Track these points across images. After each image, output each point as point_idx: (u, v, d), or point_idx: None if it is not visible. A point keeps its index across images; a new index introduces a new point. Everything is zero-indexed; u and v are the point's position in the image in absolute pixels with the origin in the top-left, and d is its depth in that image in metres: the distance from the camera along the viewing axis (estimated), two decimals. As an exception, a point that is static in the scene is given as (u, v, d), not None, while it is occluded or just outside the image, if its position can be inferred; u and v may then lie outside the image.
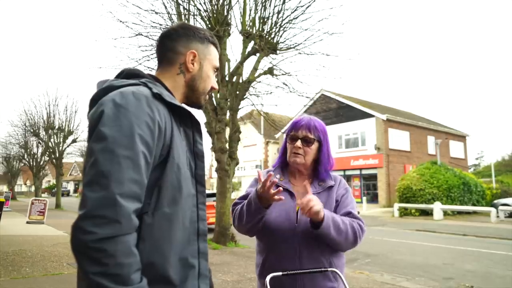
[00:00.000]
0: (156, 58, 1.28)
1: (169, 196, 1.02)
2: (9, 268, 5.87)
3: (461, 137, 32.06)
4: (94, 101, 1.06)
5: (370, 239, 10.79)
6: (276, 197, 1.46)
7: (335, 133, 27.00)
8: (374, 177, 24.88)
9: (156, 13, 8.61)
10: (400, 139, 25.49)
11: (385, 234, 11.82)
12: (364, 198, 23.38)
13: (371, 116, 25.06)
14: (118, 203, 0.87)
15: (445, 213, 17.70)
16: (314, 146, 1.72)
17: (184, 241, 1.06)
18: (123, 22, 8.50)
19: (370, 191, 25.41)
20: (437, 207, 17.04)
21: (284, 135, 1.82)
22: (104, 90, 1.06)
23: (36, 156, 31.09)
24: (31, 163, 31.63)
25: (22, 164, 38.44)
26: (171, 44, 1.21)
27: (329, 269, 1.58)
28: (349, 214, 1.67)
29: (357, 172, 25.91)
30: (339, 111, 26.46)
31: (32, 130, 26.31)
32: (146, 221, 0.98)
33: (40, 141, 27.11)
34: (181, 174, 1.06)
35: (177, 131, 1.10)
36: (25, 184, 69.57)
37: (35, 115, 25.86)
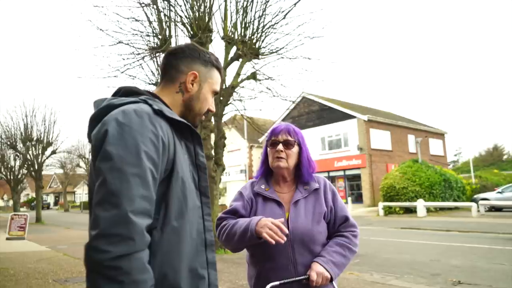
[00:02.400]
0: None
1: (176, 210, 1.05)
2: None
3: (440, 135, 32.91)
4: (94, 121, 1.07)
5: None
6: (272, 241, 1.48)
7: (318, 135, 27.30)
8: (358, 177, 25.23)
9: (137, 20, 8.53)
10: (381, 139, 25.97)
11: (371, 234, 11.98)
12: (349, 199, 23.68)
13: (352, 117, 25.45)
14: (131, 220, 0.89)
15: (428, 210, 18.10)
16: (295, 149, 1.76)
17: (192, 253, 1.09)
18: (103, 30, 8.38)
19: (354, 191, 25.74)
20: (420, 205, 17.40)
21: (264, 144, 1.83)
22: (104, 109, 1.07)
23: (13, 169, 30.11)
24: (9, 177, 30.62)
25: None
26: (175, 62, 1.25)
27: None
28: (346, 220, 1.74)
29: (341, 173, 26.23)
30: (321, 113, 26.80)
31: (8, 143, 25.54)
32: (156, 236, 1.00)
33: (18, 154, 26.31)
34: (185, 187, 1.08)
35: (179, 145, 1.12)
36: (2, 198, 67.28)
37: (11, 127, 25.15)
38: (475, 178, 25.53)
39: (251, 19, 9.08)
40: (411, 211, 18.31)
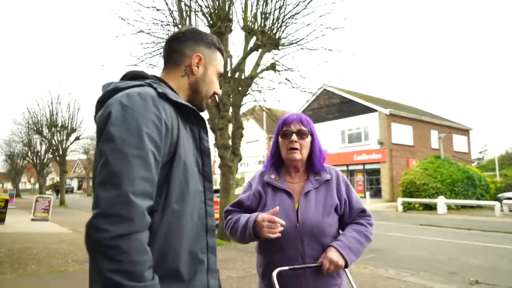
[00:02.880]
0: (161, 56, 1.30)
1: (177, 193, 1.04)
2: (15, 266, 5.91)
3: (465, 131, 31.91)
4: (101, 103, 1.08)
5: (374, 234, 10.73)
6: (273, 235, 1.49)
7: (338, 128, 26.94)
8: (377, 171, 24.83)
9: (158, 10, 8.57)
10: (403, 134, 25.40)
11: (389, 229, 11.81)
12: (368, 193, 23.37)
13: (374, 110, 24.96)
14: (131, 201, 0.89)
15: (449, 207, 17.66)
16: (309, 139, 1.72)
17: (193, 237, 1.08)
18: (124, 20, 8.47)
19: (373, 185, 25.37)
20: (441, 202, 16.99)
21: (274, 135, 1.80)
22: (110, 92, 1.08)
23: (39, 153, 31.23)
24: (35, 161, 31.78)
25: (26, 162, 38.66)
26: (179, 46, 1.24)
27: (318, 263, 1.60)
28: (363, 211, 1.73)
29: (360, 167, 25.87)
30: (342, 106, 26.39)
31: (35, 128, 26.45)
32: (156, 219, 1.00)
33: (44, 139, 27.25)
34: (188, 171, 1.08)
35: (183, 129, 1.11)
36: (29, 181, 69.92)
37: (38, 113, 26.02)
38: (500, 176, 24.63)
39: (271, 9, 8.96)
40: (431, 208, 17.92)
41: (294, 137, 1.68)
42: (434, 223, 13.47)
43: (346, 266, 1.59)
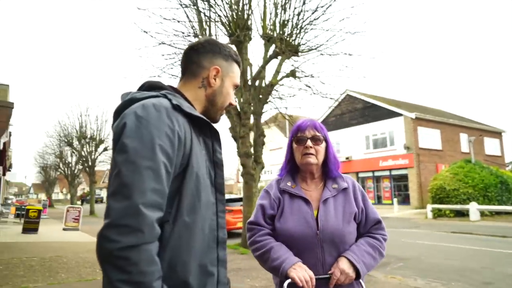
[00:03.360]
0: (180, 67, 1.32)
1: (189, 205, 1.05)
2: (46, 274, 6.11)
3: (497, 134, 30.59)
4: (118, 113, 1.10)
5: (402, 242, 10.45)
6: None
7: (362, 133, 26.47)
8: (404, 177, 24.15)
9: (178, 21, 8.77)
10: (430, 138, 24.64)
11: (418, 237, 11.42)
12: (395, 200, 22.73)
13: (399, 115, 24.39)
14: (141, 212, 0.90)
15: (482, 213, 16.89)
16: (323, 145, 1.70)
17: (203, 249, 1.08)
18: (146, 32, 8.71)
19: (401, 192, 24.67)
20: (473, 208, 16.29)
21: (288, 141, 1.78)
22: (127, 102, 1.10)
23: (70, 165, 32.41)
24: (66, 172, 32.98)
25: (58, 173, 40.17)
26: (197, 57, 1.26)
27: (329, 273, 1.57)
28: (379, 222, 1.69)
29: (387, 173, 25.25)
30: (365, 111, 25.96)
31: (66, 140, 27.52)
32: (167, 230, 1.01)
33: (74, 151, 28.28)
34: (200, 183, 1.08)
35: (196, 140, 1.12)
36: (62, 192, 72.52)
37: (68, 125, 27.12)
38: (538, 180, 23.38)
39: (289, 16, 8.98)
40: (463, 214, 17.20)
41: (309, 142, 1.67)
42: (466, 230, 12.91)
43: (357, 278, 1.55)
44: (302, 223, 1.58)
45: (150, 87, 1.19)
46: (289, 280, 1.48)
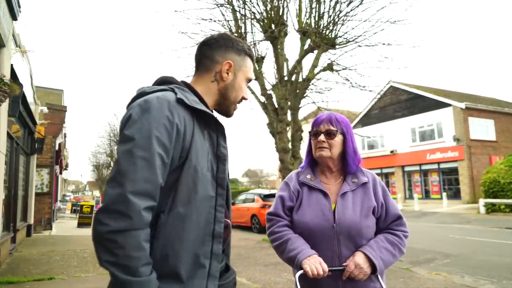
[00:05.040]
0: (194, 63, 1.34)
1: (184, 197, 1.08)
2: (97, 265, 6.54)
3: (561, 122, 28.01)
4: (128, 106, 1.16)
5: (450, 238, 9.97)
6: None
7: (408, 126, 25.40)
8: (454, 171, 22.86)
9: (214, 21, 8.95)
10: (483, 129, 23.08)
11: (467, 233, 10.82)
12: (444, 194, 21.60)
13: (447, 105, 23.09)
14: (129, 199, 0.95)
15: (543, 208, 15.61)
16: (338, 138, 1.69)
17: (197, 241, 1.10)
18: (184, 33, 8.99)
19: (451, 186, 23.39)
20: (532, 202, 15.10)
21: (308, 135, 1.78)
22: (137, 96, 1.16)
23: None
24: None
25: (109, 171, 42.54)
26: (210, 52, 1.27)
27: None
28: (399, 218, 1.67)
29: (435, 166, 24.04)
30: (411, 102, 24.86)
31: (115, 140, 29.07)
32: (162, 220, 1.05)
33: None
34: (198, 176, 1.10)
35: (199, 134, 1.14)
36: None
37: (117, 125, 28.60)
38: None
39: (325, 8, 8.84)
40: (520, 209, 16.00)
41: (322, 137, 1.67)
42: (523, 226, 12.02)
43: (373, 273, 1.54)
44: (319, 215, 1.59)
45: (162, 81, 1.23)
46: (301, 271, 1.50)
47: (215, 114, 1.34)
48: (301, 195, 1.69)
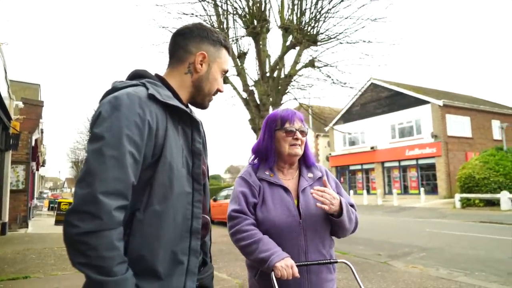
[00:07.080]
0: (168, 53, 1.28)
1: (160, 194, 1.06)
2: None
3: (532, 119, 29.11)
4: (100, 102, 1.12)
5: (427, 232, 10.24)
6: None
7: (388, 122, 25.89)
8: (432, 167, 23.47)
9: (196, 16, 8.85)
10: (459, 125, 23.76)
11: (443, 227, 11.14)
12: (422, 189, 22.18)
13: (426, 102, 23.64)
14: (99, 200, 0.92)
15: (515, 203, 16.21)
16: (306, 137, 1.74)
17: (175, 238, 1.08)
18: (165, 28, 8.86)
19: (429, 181, 24.01)
20: (505, 197, 15.66)
21: (265, 130, 1.74)
22: (109, 91, 1.11)
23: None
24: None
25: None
26: (183, 42, 1.23)
27: (338, 260, 1.61)
28: (352, 206, 1.71)
29: (413, 162, 24.62)
30: (391, 99, 25.29)
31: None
32: (138, 217, 1.03)
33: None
34: (173, 173, 1.08)
35: (173, 130, 1.12)
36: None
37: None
38: None
39: (307, 5, 8.88)
40: (493, 203, 16.58)
41: (299, 134, 1.68)
42: (496, 220, 12.47)
43: (334, 214, 1.58)
44: (285, 212, 1.59)
45: (135, 76, 1.19)
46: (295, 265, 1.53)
47: (191, 107, 1.31)
48: (262, 191, 1.65)
